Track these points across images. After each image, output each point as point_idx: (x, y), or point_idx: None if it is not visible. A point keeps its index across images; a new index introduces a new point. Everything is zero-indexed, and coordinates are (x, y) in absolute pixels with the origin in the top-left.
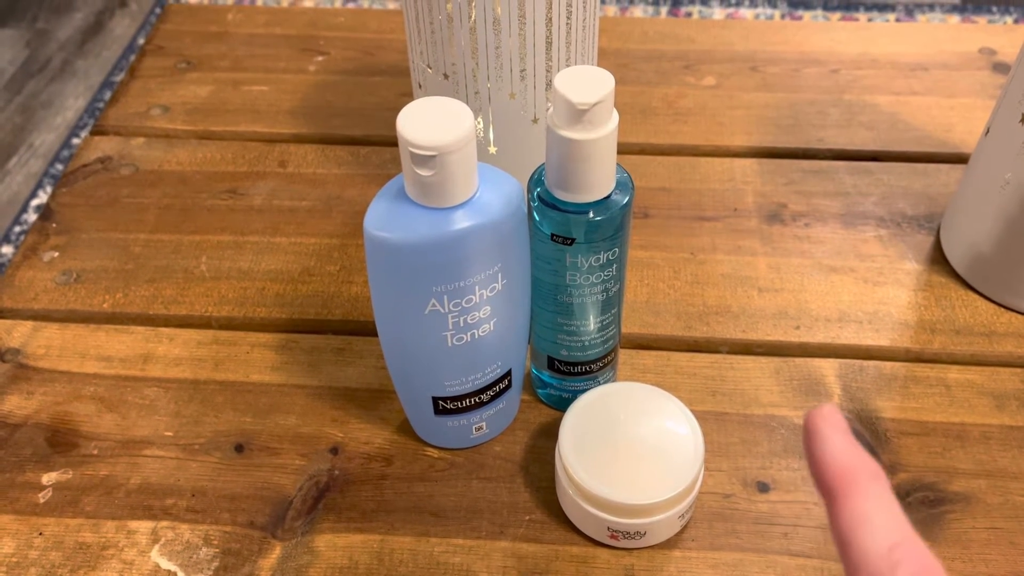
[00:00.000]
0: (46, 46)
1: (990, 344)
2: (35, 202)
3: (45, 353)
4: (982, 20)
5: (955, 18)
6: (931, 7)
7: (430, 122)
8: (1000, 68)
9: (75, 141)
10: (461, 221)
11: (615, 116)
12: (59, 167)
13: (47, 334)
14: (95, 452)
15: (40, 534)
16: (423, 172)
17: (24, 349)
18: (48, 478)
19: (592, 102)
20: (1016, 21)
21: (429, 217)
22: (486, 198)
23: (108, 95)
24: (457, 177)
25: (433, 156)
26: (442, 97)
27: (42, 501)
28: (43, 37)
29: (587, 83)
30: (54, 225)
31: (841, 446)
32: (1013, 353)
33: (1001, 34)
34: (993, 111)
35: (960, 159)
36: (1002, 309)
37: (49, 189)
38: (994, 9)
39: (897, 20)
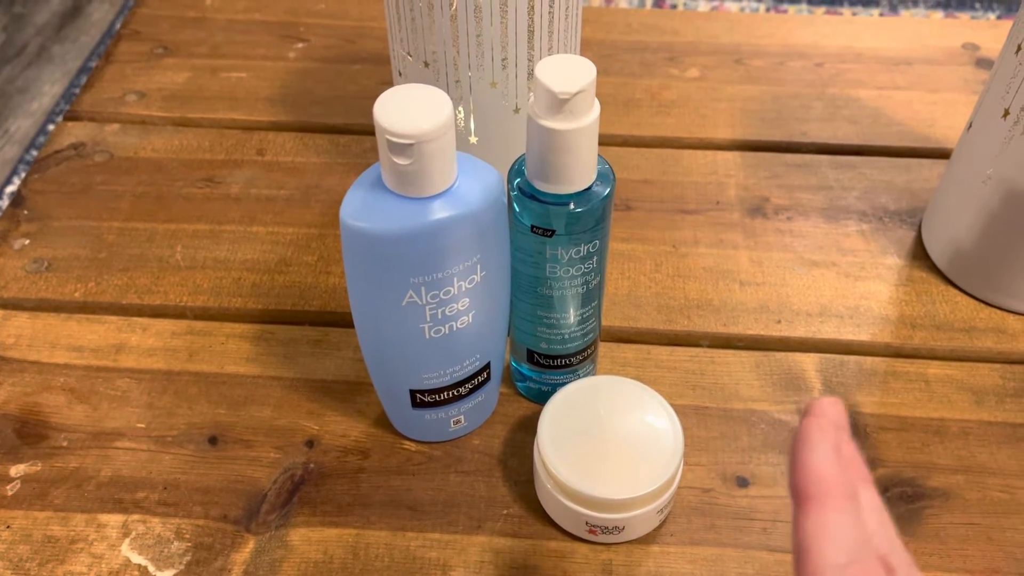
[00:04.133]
0: (23, 31)
1: (970, 340)
2: (9, 189)
3: (15, 343)
4: (965, 16)
5: (938, 13)
6: (915, 2)
7: (408, 110)
8: (983, 63)
9: (51, 127)
10: (439, 211)
11: (596, 106)
12: (35, 153)
13: (17, 323)
14: (65, 444)
15: (8, 527)
16: (400, 161)
17: None
18: (16, 470)
19: (573, 91)
20: (999, 17)
21: (406, 207)
22: (465, 188)
23: (85, 81)
24: (435, 166)
25: (411, 144)
26: (421, 84)
27: (10, 494)
28: (20, 22)
29: (568, 72)
30: (25, 212)
31: (827, 457)
32: (992, 349)
33: (984, 30)
34: (976, 106)
35: (942, 154)
36: (982, 305)
37: (24, 176)
38: (977, 5)
39: (881, 15)
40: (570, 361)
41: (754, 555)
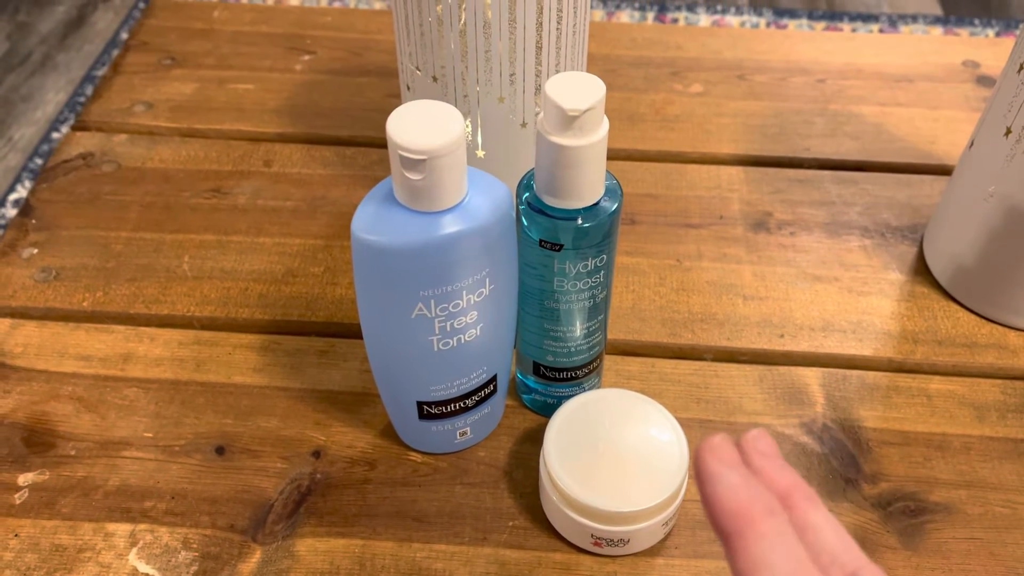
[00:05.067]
0: (27, 39)
1: (971, 355)
2: (13, 196)
3: (23, 351)
4: (964, 32)
5: (938, 29)
6: (914, 18)
7: (420, 126)
8: (983, 81)
9: (55, 136)
10: (450, 226)
11: (605, 123)
12: (38, 161)
13: (25, 332)
14: (73, 453)
15: (16, 535)
16: (412, 176)
17: (1, 347)
18: (24, 479)
19: (583, 109)
20: (998, 34)
21: (418, 221)
22: (475, 203)
23: (89, 90)
24: (446, 182)
25: (423, 160)
26: (433, 101)
27: (18, 502)
28: (24, 30)
29: (578, 89)
30: (33, 221)
31: (733, 483)
32: (994, 364)
33: (985, 47)
34: (978, 124)
35: (944, 171)
36: (983, 320)
37: (27, 184)
38: (976, 21)
39: (881, 31)
40: (576, 374)
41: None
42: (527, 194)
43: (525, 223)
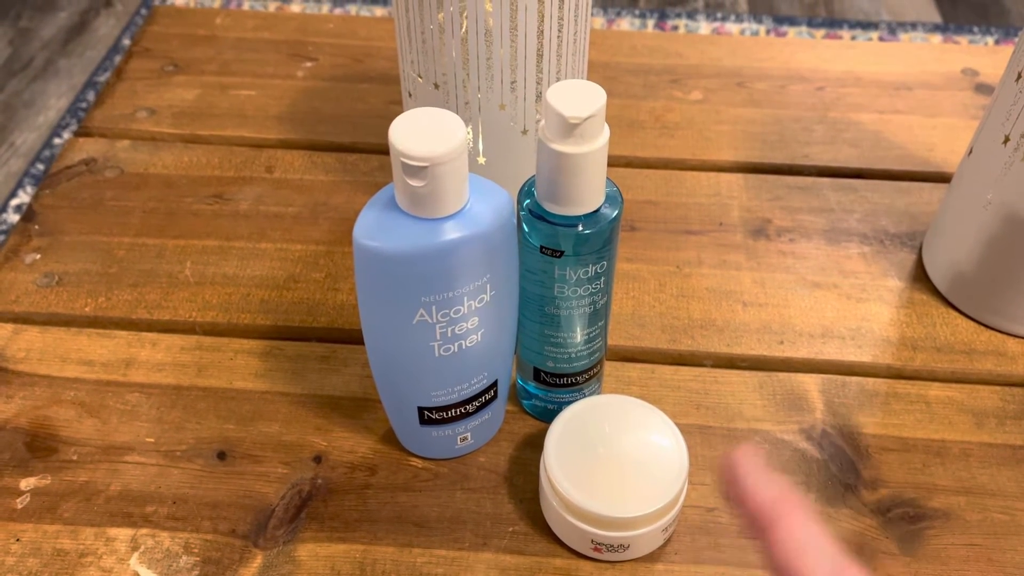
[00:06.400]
0: (29, 44)
1: (970, 362)
2: (15, 202)
3: (25, 356)
4: (963, 40)
5: (937, 37)
6: (913, 26)
7: (422, 133)
8: (982, 89)
9: (57, 141)
10: (451, 232)
11: (606, 130)
12: (40, 167)
13: (28, 337)
14: (75, 458)
15: (17, 540)
16: (414, 183)
17: (4, 352)
18: (26, 483)
19: (584, 116)
20: (997, 42)
21: (419, 227)
22: (477, 209)
23: (91, 95)
24: (448, 188)
25: (425, 167)
26: (435, 108)
27: (20, 507)
28: (26, 36)
29: (579, 97)
30: (36, 227)
31: (764, 479)
32: (992, 371)
33: (983, 55)
34: (976, 132)
35: (943, 178)
36: (982, 327)
37: (29, 189)
38: (975, 29)
39: (880, 38)
40: (576, 380)
41: (757, 574)
42: (528, 201)
43: (526, 229)
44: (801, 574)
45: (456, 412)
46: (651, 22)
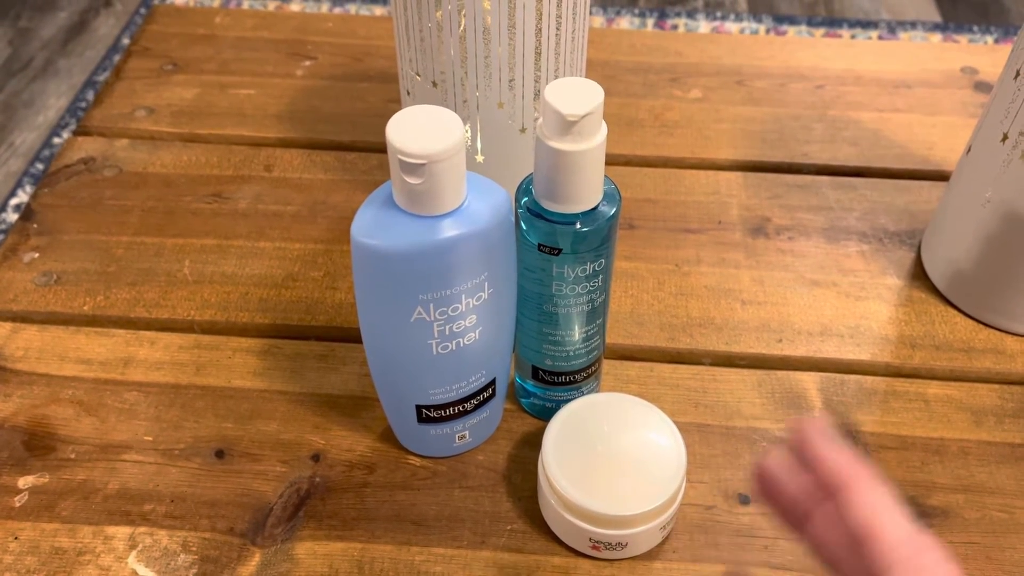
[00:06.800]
0: (29, 44)
1: (969, 360)
2: (14, 201)
3: (24, 355)
4: (963, 39)
5: (937, 36)
6: (913, 25)
7: (420, 130)
8: (981, 87)
9: (56, 141)
10: (449, 230)
11: (604, 128)
12: (39, 166)
13: (26, 336)
14: (73, 456)
15: (15, 538)
16: (412, 180)
17: (2, 351)
18: (24, 482)
19: (582, 114)
20: (997, 40)
21: (417, 225)
22: (474, 207)
23: (91, 95)
24: (446, 186)
25: (422, 164)
26: (432, 106)
27: (18, 505)
28: (26, 35)
29: (577, 95)
30: (35, 226)
31: (837, 446)
32: (991, 369)
33: (983, 54)
34: (975, 130)
35: (941, 176)
36: (981, 325)
37: (29, 188)
38: (975, 28)
39: (880, 37)
40: (574, 378)
41: (756, 572)
42: (526, 198)
43: (524, 227)
44: (881, 531)
45: (454, 410)
46: (651, 21)
